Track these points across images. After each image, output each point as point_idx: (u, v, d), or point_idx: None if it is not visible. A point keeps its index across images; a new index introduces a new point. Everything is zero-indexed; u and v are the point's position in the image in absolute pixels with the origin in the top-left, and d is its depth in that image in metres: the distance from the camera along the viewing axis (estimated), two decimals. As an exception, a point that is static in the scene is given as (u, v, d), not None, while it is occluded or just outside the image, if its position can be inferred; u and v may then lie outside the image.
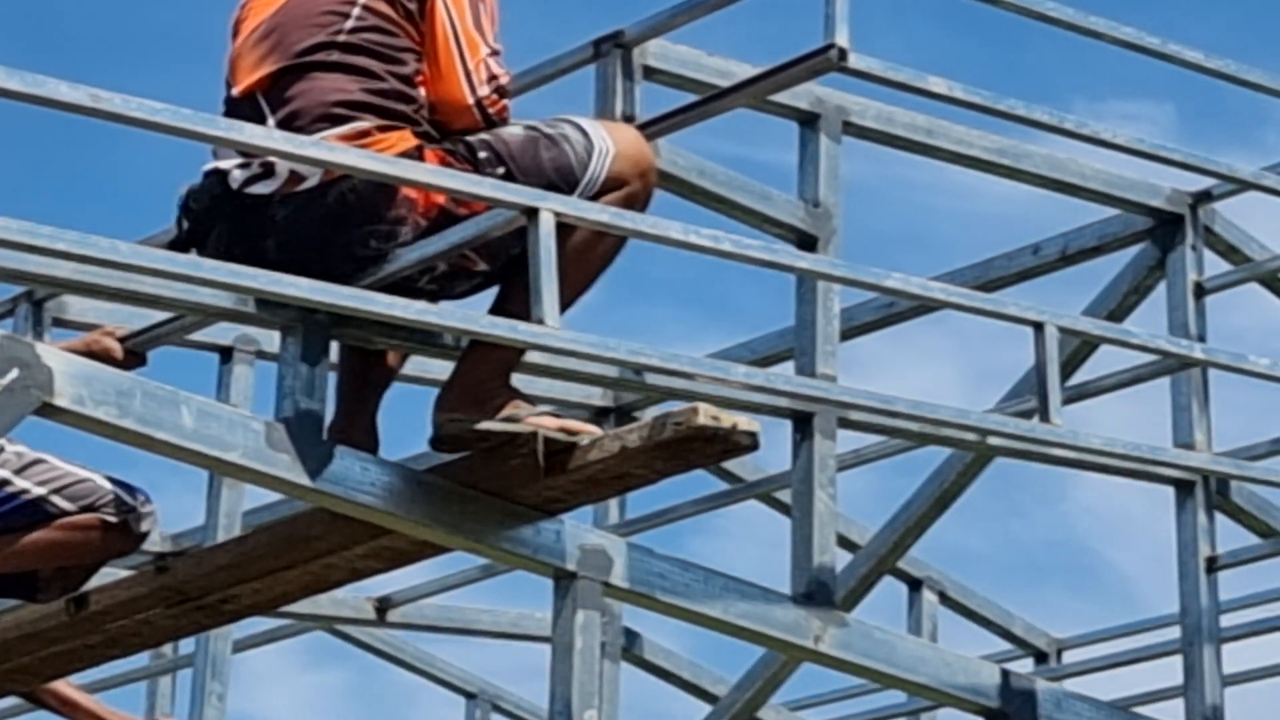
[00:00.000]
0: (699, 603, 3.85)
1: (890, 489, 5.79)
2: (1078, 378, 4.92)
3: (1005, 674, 4.34)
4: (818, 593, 4.01)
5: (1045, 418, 3.81)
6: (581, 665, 3.57)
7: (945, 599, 5.93)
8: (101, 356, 3.91)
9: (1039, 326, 3.83)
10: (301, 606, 4.84)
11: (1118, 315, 4.90)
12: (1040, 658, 6.40)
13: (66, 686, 4.67)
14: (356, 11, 3.58)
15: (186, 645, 5.60)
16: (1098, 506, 11.98)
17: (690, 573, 3.85)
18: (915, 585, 5.81)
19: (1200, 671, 4.52)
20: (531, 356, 3.66)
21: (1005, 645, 6.39)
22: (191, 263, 3.35)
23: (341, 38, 3.55)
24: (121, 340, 4.12)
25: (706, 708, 6.05)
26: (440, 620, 5.93)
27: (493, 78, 3.59)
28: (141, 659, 5.74)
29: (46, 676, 4.42)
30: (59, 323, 4.71)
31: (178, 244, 3.61)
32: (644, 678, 6.14)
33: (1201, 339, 4.67)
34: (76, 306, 4.69)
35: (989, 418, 4.20)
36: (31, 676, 4.39)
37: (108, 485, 4.06)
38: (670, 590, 3.82)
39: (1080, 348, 4.74)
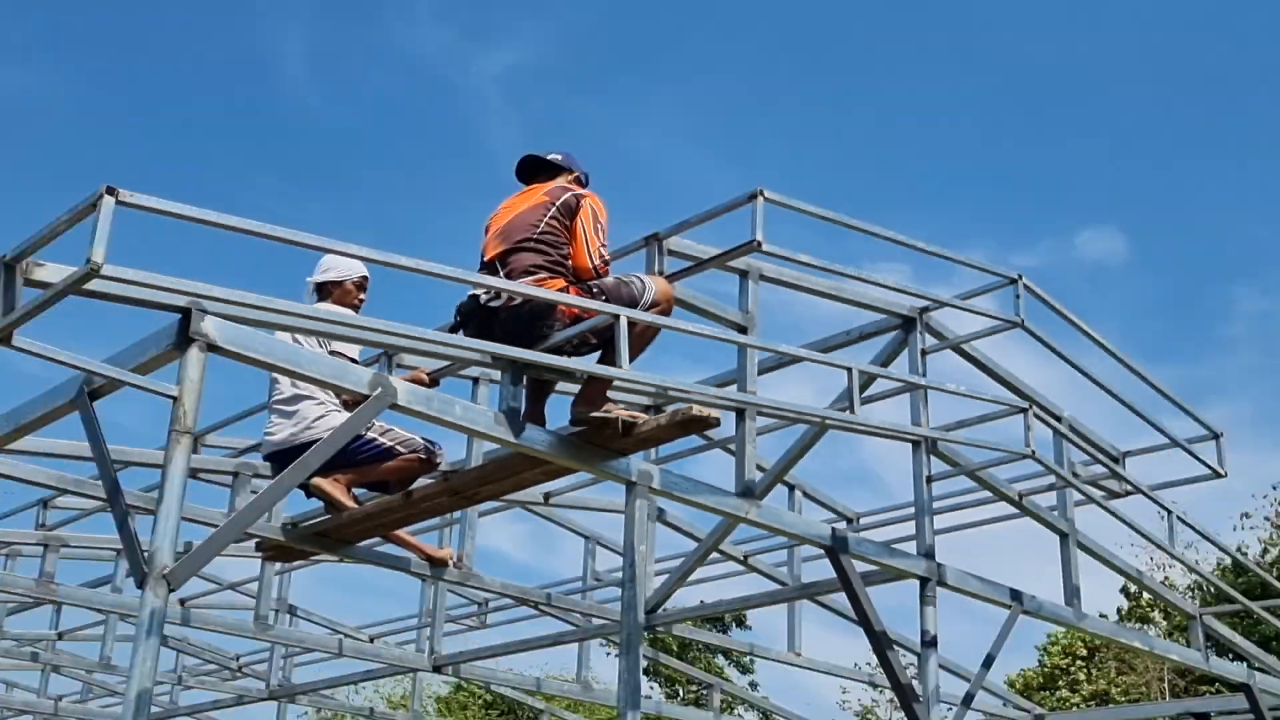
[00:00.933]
0: (695, 495, 5.16)
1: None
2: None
3: (833, 529, 5.98)
4: (747, 490, 5.45)
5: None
6: (639, 523, 4.77)
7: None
8: (419, 383, 5.20)
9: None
10: (512, 497, 6.41)
11: (885, 363, 6.36)
12: (850, 521, 8.82)
13: (402, 532, 6.20)
14: (545, 223, 4.82)
15: (458, 515, 7.32)
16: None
17: (691, 482, 5.16)
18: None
19: (923, 532, 6.30)
20: (617, 382, 4.83)
21: (832, 514, 8.78)
22: (461, 340, 4.50)
23: (535, 234, 4.82)
24: (429, 374, 5.52)
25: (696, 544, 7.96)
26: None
27: (603, 257, 4.83)
28: (435, 521, 7.50)
29: (391, 527, 5.77)
30: (399, 365, 6.11)
31: (455, 327, 4.93)
32: (668, 531, 8.48)
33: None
34: (409, 359, 6.11)
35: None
36: (383, 528, 5.77)
37: (421, 440, 5.48)
38: (681, 490, 5.10)
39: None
